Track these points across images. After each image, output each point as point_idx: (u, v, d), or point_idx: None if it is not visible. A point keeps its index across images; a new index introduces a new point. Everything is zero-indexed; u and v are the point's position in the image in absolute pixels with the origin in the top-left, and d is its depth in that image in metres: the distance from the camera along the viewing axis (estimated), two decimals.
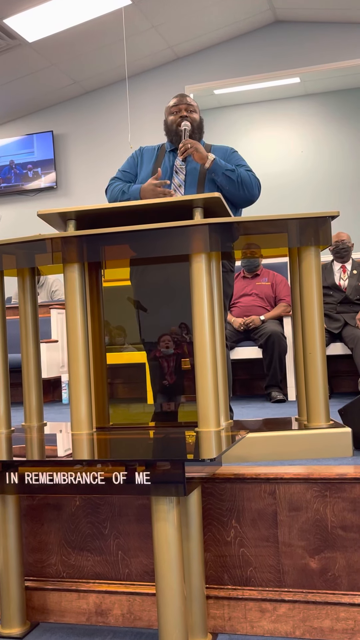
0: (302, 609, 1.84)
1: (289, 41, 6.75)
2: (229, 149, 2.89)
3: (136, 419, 2.57)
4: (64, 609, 2.03)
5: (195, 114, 2.83)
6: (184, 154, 2.65)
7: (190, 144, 2.65)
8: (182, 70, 7.08)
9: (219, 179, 2.70)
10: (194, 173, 2.75)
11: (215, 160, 2.68)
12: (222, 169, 2.68)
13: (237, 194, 2.72)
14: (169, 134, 2.86)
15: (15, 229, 7.29)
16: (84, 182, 7.37)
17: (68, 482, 1.61)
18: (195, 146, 2.66)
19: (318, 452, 2.12)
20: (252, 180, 2.74)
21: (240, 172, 2.72)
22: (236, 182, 2.70)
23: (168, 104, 2.87)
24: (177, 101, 2.85)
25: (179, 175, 2.76)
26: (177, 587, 1.59)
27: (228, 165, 2.71)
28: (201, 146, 2.69)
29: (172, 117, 2.83)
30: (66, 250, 2.11)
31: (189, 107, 2.82)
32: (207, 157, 2.67)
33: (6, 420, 2.33)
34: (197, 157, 2.67)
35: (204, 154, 2.67)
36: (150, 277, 2.62)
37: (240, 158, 2.86)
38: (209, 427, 2.01)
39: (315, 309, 2.18)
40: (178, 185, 2.75)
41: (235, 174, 2.70)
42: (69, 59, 6.64)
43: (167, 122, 2.86)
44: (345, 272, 4.40)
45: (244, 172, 2.74)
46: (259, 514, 1.91)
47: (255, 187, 2.76)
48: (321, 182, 7.79)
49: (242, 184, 2.71)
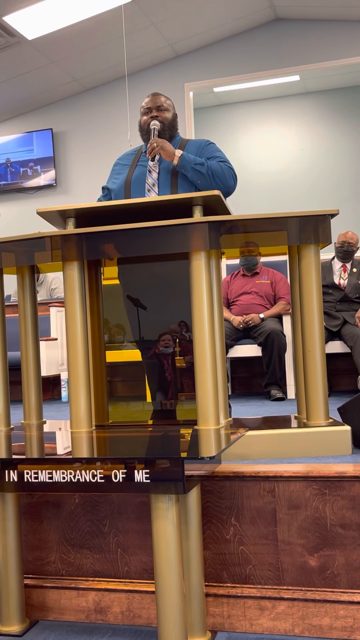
0: (301, 606, 1.85)
1: (289, 39, 6.74)
2: (204, 141, 2.88)
3: (135, 416, 2.56)
4: (63, 606, 2.03)
5: (167, 113, 2.82)
6: (151, 153, 2.67)
7: (156, 143, 2.66)
8: (181, 67, 7.07)
9: (189, 174, 2.69)
10: (167, 172, 2.76)
11: (183, 156, 2.68)
12: (191, 164, 2.68)
13: (210, 187, 2.69)
14: (142, 134, 2.86)
15: (15, 226, 7.28)
16: (83, 180, 7.37)
17: (67, 479, 1.61)
18: (161, 144, 2.66)
19: (317, 450, 2.12)
20: (224, 171, 2.72)
21: (210, 164, 2.70)
22: (207, 175, 2.68)
23: (141, 104, 2.88)
24: (149, 101, 2.85)
25: (152, 175, 2.78)
26: (176, 585, 1.60)
27: (197, 159, 2.70)
28: (168, 144, 2.69)
29: (144, 118, 2.84)
30: (65, 248, 2.11)
31: (160, 107, 2.82)
32: (174, 154, 2.68)
33: (5, 418, 2.33)
34: (164, 155, 2.68)
35: (171, 151, 2.67)
36: (139, 276, 2.62)
37: (215, 149, 2.84)
38: (208, 425, 2.02)
39: (315, 307, 2.18)
40: (152, 185, 2.75)
41: (204, 167, 2.68)
42: (68, 56, 6.63)
43: (140, 122, 2.87)
44: (346, 271, 4.40)
45: (216, 164, 2.71)
46: (258, 512, 1.91)
47: (229, 178, 2.73)
48: (320, 180, 7.79)
49: (214, 176, 2.69)
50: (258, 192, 7.68)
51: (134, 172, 2.81)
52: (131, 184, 2.78)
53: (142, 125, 2.85)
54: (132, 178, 2.79)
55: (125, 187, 2.79)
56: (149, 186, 2.75)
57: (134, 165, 2.84)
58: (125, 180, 2.81)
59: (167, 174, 2.76)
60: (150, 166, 2.79)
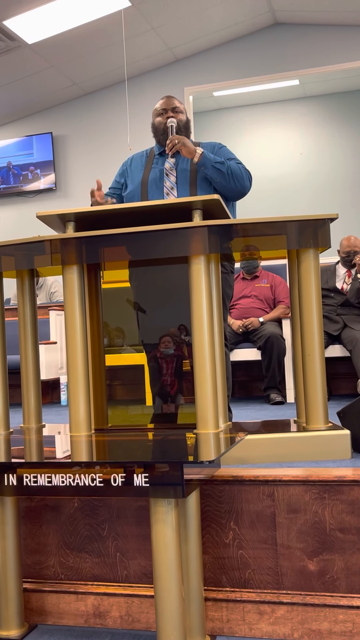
0: (300, 611, 1.84)
1: (289, 43, 6.76)
2: (216, 144, 2.91)
3: (135, 420, 2.56)
4: (62, 610, 2.02)
5: (182, 115, 2.84)
6: (172, 149, 2.65)
7: (177, 140, 2.65)
8: (181, 72, 7.08)
9: (209, 172, 2.70)
10: (185, 173, 2.76)
11: (204, 154, 2.68)
12: (212, 162, 2.69)
13: (228, 186, 2.73)
14: (157, 135, 2.86)
15: (15, 230, 7.29)
16: (83, 184, 7.37)
17: (66, 483, 1.61)
18: (182, 141, 2.65)
19: (316, 455, 2.12)
20: (242, 171, 2.75)
21: (229, 164, 2.73)
22: (226, 174, 2.70)
23: (155, 107, 2.88)
24: (163, 103, 2.86)
25: (170, 178, 2.77)
26: (175, 589, 1.59)
27: (217, 157, 2.72)
28: (188, 141, 2.69)
29: (159, 119, 2.85)
30: (65, 252, 2.11)
31: (175, 108, 2.83)
32: (195, 151, 2.68)
33: (5, 421, 2.33)
34: (185, 151, 2.67)
35: (192, 148, 2.68)
36: (151, 279, 2.62)
37: (229, 152, 2.88)
38: (207, 429, 2.01)
39: (314, 311, 2.18)
40: (170, 188, 2.75)
41: (224, 166, 2.70)
42: (68, 60, 6.64)
43: (155, 124, 2.87)
44: (350, 276, 4.39)
45: (234, 164, 2.75)
46: (257, 516, 1.91)
47: (245, 179, 2.77)
48: (321, 184, 7.80)
49: (233, 176, 2.72)
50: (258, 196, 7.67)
51: (149, 174, 2.80)
52: (148, 185, 2.78)
53: (157, 126, 2.85)
54: (149, 179, 2.78)
55: (142, 188, 2.78)
56: (167, 189, 2.75)
57: (148, 167, 2.83)
58: (141, 181, 2.80)
59: (185, 176, 2.76)
60: (167, 169, 2.78)
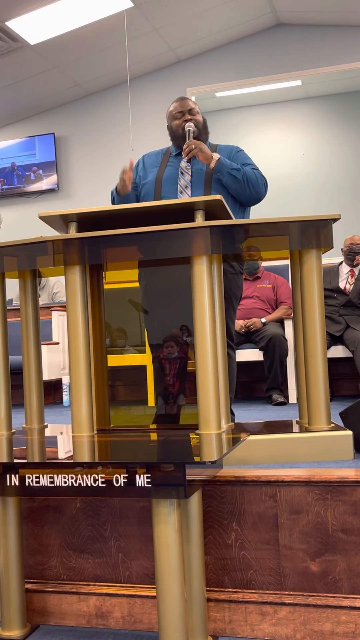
0: (302, 612, 1.84)
1: (291, 44, 6.75)
2: (234, 148, 2.90)
3: (137, 421, 2.56)
4: (65, 611, 2.02)
5: (198, 116, 2.84)
6: (188, 154, 2.66)
7: (194, 145, 2.65)
8: (183, 72, 7.08)
9: (225, 178, 2.70)
10: (200, 174, 2.76)
11: (220, 160, 2.68)
12: (227, 169, 2.69)
13: (243, 192, 2.73)
14: (175, 139, 2.84)
15: (17, 231, 7.29)
16: (85, 185, 7.38)
17: (69, 484, 1.61)
18: (199, 147, 2.65)
19: (319, 455, 2.11)
20: (258, 178, 2.75)
21: (245, 170, 2.73)
22: (242, 180, 2.70)
23: (169, 109, 2.87)
24: (178, 105, 2.85)
25: (184, 177, 2.77)
26: (177, 590, 1.59)
27: (233, 164, 2.72)
28: (205, 146, 2.69)
29: (176, 122, 2.83)
30: (67, 253, 2.11)
31: (192, 110, 2.83)
32: (212, 157, 2.68)
33: (7, 422, 2.33)
34: (201, 157, 2.67)
35: (209, 154, 2.67)
36: (158, 279, 2.62)
37: (246, 157, 2.86)
38: (209, 429, 2.01)
39: (316, 312, 2.18)
40: (184, 187, 2.75)
41: (240, 173, 2.70)
42: (70, 61, 6.65)
43: (172, 127, 2.85)
44: (353, 276, 4.38)
45: (250, 171, 2.74)
46: (259, 517, 1.91)
47: (261, 185, 2.77)
48: (323, 185, 7.79)
49: (248, 183, 2.72)
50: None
51: (164, 172, 2.80)
52: (162, 182, 2.77)
53: (174, 129, 2.83)
54: (163, 177, 2.78)
55: (156, 185, 2.78)
56: (181, 188, 2.75)
57: (163, 165, 2.83)
58: (155, 179, 2.80)
59: (201, 177, 2.76)
60: (182, 167, 2.78)
